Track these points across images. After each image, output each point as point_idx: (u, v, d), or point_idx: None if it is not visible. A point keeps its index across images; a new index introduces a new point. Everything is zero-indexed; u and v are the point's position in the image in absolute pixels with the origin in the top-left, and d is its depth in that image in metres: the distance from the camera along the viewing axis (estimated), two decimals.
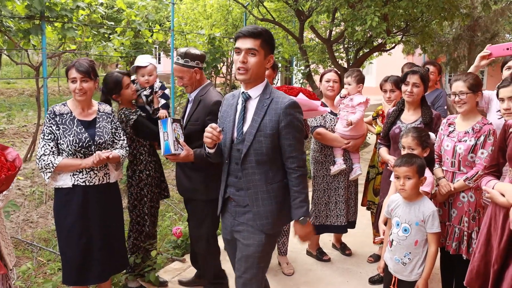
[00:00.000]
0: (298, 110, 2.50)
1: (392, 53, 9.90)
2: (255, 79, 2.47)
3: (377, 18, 6.03)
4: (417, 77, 3.45)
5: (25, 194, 6.24)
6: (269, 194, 2.52)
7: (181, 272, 4.11)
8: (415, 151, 3.06)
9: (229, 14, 13.07)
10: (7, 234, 2.49)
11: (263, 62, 2.45)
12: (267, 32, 2.44)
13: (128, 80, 3.47)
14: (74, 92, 2.98)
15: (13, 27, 6.27)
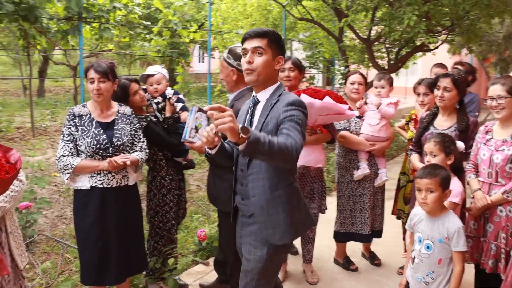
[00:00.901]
0: (299, 108, 2.26)
1: (436, 53, 9.52)
2: (264, 80, 2.35)
3: (415, 17, 5.76)
4: (449, 81, 3.23)
5: (60, 190, 6.40)
6: (274, 201, 2.34)
7: (203, 275, 4.06)
8: (438, 157, 2.86)
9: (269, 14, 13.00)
10: (19, 234, 2.51)
11: (271, 63, 2.33)
12: (274, 33, 2.34)
13: (135, 87, 3.38)
14: (91, 93, 2.98)
15: (52, 28, 6.44)
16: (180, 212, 3.74)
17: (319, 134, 3.61)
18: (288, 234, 2.38)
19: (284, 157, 2.04)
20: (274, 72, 2.38)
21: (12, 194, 2.30)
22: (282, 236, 2.36)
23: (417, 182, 2.68)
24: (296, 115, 2.22)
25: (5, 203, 2.25)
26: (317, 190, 3.80)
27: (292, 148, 2.05)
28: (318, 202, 3.82)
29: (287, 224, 2.35)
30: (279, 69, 2.43)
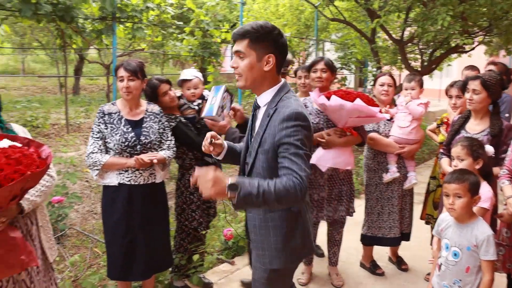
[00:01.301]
0: (296, 123, 1.99)
1: (473, 54, 9.26)
2: (255, 84, 2.14)
3: (450, 17, 5.61)
4: (478, 83, 3.13)
5: (91, 186, 6.54)
6: (266, 223, 2.17)
7: (228, 274, 4.08)
8: (465, 162, 2.77)
9: (301, 14, 12.95)
10: (50, 228, 2.57)
11: (256, 65, 2.07)
12: (257, 29, 2.04)
13: (165, 87, 3.40)
14: (121, 91, 3.03)
15: (87, 28, 6.59)
16: (211, 211, 3.73)
17: (349, 137, 3.56)
18: (277, 259, 2.21)
19: (285, 201, 1.91)
20: (266, 74, 2.11)
21: (43, 189, 2.36)
22: (271, 260, 2.21)
23: (444, 187, 2.61)
24: (294, 135, 1.97)
25: (36, 197, 2.30)
26: (346, 192, 3.76)
27: (295, 188, 1.88)
28: (346, 204, 3.78)
29: (277, 248, 2.19)
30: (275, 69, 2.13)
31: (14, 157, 1.95)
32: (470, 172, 2.62)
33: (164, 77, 3.53)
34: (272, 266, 2.22)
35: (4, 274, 2.12)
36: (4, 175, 1.86)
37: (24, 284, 2.31)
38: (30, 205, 2.26)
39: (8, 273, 2.14)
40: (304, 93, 4.09)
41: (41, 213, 2.48)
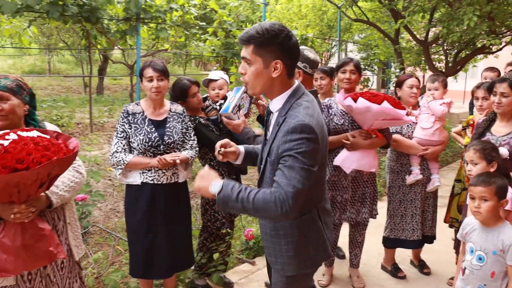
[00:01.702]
0: (300, 137, 1.88)
1: (499, 55, 9.08)
2: (266, 91, 2.05)
3: (476, 17, 5.51)
4: (506, 86, 3.04)
5: (114, 184, 6.64)
6: (277, 231, 2.12)
7: (249, 274, 4.08)
8: (479, 166, 2.71)
9: (324, 15, 12.91)
10: (77, 226, 2.60)
11: (263, 72, 1.96)
12: (262, 33, 1.91)
13: (195, 89, 3.43)
14: (150, 91, 3.05)
15: (112, 28, 6.70)
16: None
17: (374, 139, 3.53)
18: (290, 266, 2.15)
19: (263, 214, 1.90)
20: (275, 80, 2.00)
21: (72, 184, 2.39)
22: (283, 267, 2.16)
23: (470, 190, 2.56)
24: (296, 148, 1.87)
25: (65, 192, 2.34)
26: (369, 194, 3.73)
27: (274, 203, 1.83)
28: (369, 206, 3.75)
29: (289, 256, 2.13)
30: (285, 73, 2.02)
31: (42, 144, 2.01)
32: (497, 175, 2.57)
33: (193, 78, 3.55)
34: (285, 273, 2.18)
35: (34, 265, 2.17)
36: (32, 158, 1.92)
37: (49, 278, 2.36)
38: (59, 200, 2.29)
39: (37, 264, 2.18)
40: (322, 94, 4.03)
41: (70, 210, 2.52)
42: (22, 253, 2.08)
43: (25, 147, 1.95)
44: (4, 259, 2.05)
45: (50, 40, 19.83)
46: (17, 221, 2.07)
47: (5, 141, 1.96)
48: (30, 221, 2.11)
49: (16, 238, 2.07)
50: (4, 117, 2.25)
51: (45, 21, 6.18)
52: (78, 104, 14.18)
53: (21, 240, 2.08)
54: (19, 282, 2.25)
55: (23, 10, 5.34)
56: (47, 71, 22.17)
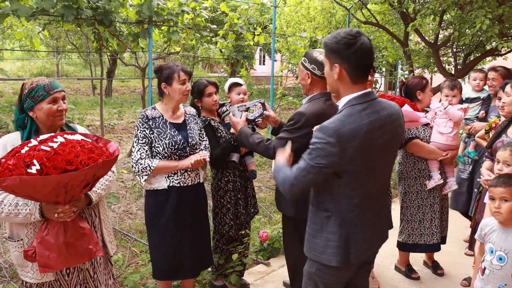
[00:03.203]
0: (319, 133, 2.12)
1: (507, 57, 9.07)
2: (334, 91, 2.30)
3: (488, 20, 5.51)
4: (509, 87, 3.14)
5: (127, 186, 6.69)
6: (310, 214, 2.39)
7: (264, 275, 4.12)
8: (511, 168, 2.73)
9: (333, 17, 12.91)
10: (109, 223, 2.68)
11: (329, 73, 2.25)
12: (328, 40, 2.17)
13: (211, 89, 3.47)
14: (181, 94, 3.06)
15: (124, 31, 6.74)
16: (250, 209, 3.73)
17: None
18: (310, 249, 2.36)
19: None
20: (337, 82, 2.22)
21: (106, 183, 2.51)
22: (308, 249, 2.38)
23: (490, 191, 2.60)
24: (312, 142, 2.15)
25: (102, 190, 2.46)
26: None
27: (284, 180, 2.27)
28: None
29: (309, 240, 2.36)
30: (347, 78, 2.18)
31: (87, 147, 2.13)
32: None
33: (212, 80, 3.59)
34: (309, 254, 2.38)
35: (75, 262, 2.27)
36: (80, 160, 2.04)
37: (88, 273, 2.46)
38: (97, 197, 2.42)
39: (78, 261, 2.29)
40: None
41: (102, 207, 2.61)
42: (64, 250, 2.18)
43: (73, 150, 2.06)
44: (47, 255, 2.15)
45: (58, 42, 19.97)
46: (60, 220, 2.17)
47: (54, 144, 2.06)
48: (71, 220, 2.21)
49: (59, 236, 2.18)
50: (63, 116, 2.44)
51: (59, 24, 6.22)
52: (87, 106, 14.27)
53: (63, 238, 2.18)
54: (59, 276, 2.36)
55: (38, 14, 5.39)
56: (55, 73, 22.32)
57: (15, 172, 1.95)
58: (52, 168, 1.98)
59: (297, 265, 3.24)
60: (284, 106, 13.05)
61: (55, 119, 2.39)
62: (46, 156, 2.00)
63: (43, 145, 2.06)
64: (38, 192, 2.03)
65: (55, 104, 2.38)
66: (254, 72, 18.69)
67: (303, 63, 3.00)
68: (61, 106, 2.41)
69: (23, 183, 1.93)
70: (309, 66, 2.97)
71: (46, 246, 2.16)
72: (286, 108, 13.61)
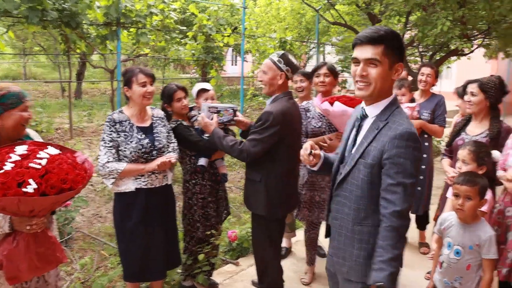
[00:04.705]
0: (411, 144, 1.94)
1: (471, 57, 9.36)
2: (378, 95, 2.03)
3: (449, 22, 5.70)
4: (475, 86, 3.27)
5: (96, 190, 6.63)
6: (353, 234, 2.10)
7: (233, 275, 4.15)
8: (469, 166, 2.85)
9: (302, 18, 13.06)
10: (56, 227, 2.70)
11: (388, 74, 1.98)
12: (392, 35, 1.96)
13: (180, 94, 3.49)
14: (143, 96, 3.05)
15: (92, 33, 6.68)
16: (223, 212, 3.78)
17: None
18: (355, 272, 2.12)
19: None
20: (391, 84, 2.06)
21: None
22: (349, 271, 2.14)
23: (455, 188, 2.69)
24: (404, 157, 1.93)
25: None
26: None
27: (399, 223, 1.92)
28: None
29: (357, 262, 2.10)
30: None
31: (69, 163, 2.16)
32: (480, 175, 2.72)
33: (181, 84, 3.61)
34: (349, 277, 2.15)
35: (45, 269, 2.30)
36: (71, 179, 2.08)
37: (43, 278, 2.46)
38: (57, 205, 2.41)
39: (47, 268, 2.31)
40: (301, 97, 4.11)
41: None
42: (34, 260, 2.19)
43: (61, 167, 2.08)
44: (17, 267, 2.15)
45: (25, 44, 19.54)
46: (31, 232, 2.17)
47: (41, 160, 2.07)
48: (42, 231, 2.22)
49: (30, 247, 2.18)
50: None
51: (23, 26, 6.12)
52: (56, 109, 14.02)
53: (34, 248, 2.19)
54: (17, 285, 2.33)
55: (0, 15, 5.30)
56: (22, 76, 21.83)
57: (9, 192, 1.94)
58: (49, 187, 2.00)
59: (266, 264, 3.30)
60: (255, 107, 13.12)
61: (22, 127, 2.37)
62: (39, 174, 2.01)
63: (30, 161, 2.05)
64: (28, 210, 2.04)
65: (25, 113, 2.35)
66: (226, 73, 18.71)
67: (277, 64, 3.06)
68: (30, 114, 2.40)
69: (22, 203, 1.95)
70: (284, 68, 3.05)
71: (15, 258, 2.15)
72: (257, 108, 13.67)
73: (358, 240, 2.08)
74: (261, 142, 2.95)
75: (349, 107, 3.37)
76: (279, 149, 3.05)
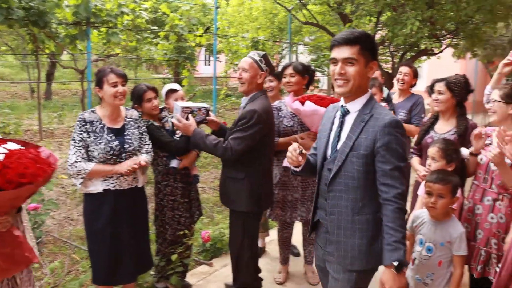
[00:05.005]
0: (399, 131, 2.14)
1: (441, 56, 9.57)
2: (356, 91, 2.20)
3: (418, 22, 5.82)
4: (442, 85, 3.35)
5: (67, 192, 6.51)
6: (353, 225, 2.20)
7: (207, 276, 4.14)
8: (438, 164, 2.91)
9: (275, 17, 13.09)
10: (30, 228, 2.61)
11: (364, 71, 2.17)
12: (365, 36, 2.15)
13: (150, 94, 3.46)
14: (114, 97, 2.99)
15: (61, 33, 6.56)
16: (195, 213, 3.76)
17: None
18: (359, 261, 2.21)
19: None
20: (367, 81, 2.24)
21: None
22: (352, 262, 2.22)
23: (428, 186, 2.73)
24: (395, 143, 2.12)
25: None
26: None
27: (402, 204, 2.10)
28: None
29: (360, 251, 2.20)
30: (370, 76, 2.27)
31: (30, 157, 2.07)
32: (452, 173, 2.77)
33: (152, 85, 3.57)
34: (352, 268, 2.22)
35: (13, 271, 2.23)
36: (30, 173, 2.00)
37: (14, 280, 2.37)
38: (24, 203, 2.35)
39: (16, 269, 2.24)
40: (270, 97, 4.10)
41: (23, 213, 2.52)
42: (0, 261, 2.12)
43: (21, 161, 2.01)
44: None
45: None
46: None
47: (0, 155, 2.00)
48: (6, 230, 2.14)
49: None
50: None
51: None
52: (25, 110, 13.69)
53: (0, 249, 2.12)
54: None
55: None
56: None
57: None
58: (6, 182, 1.93)
59: (242, 263, 3.33)
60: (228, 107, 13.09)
61: None
62: None
63: None
64: None
65: None
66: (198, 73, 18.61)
67: (259, 63, 3.15)
68: None
69: None
70: (264, 68, 3.15)
71: None
72: (230, 108, 13.64)
73: (359, 229, 2.19)
74: (245, 139, 3.01)
75: (320, 107, 3.39)
76: (261, 147, 3.13)
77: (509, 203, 2.87)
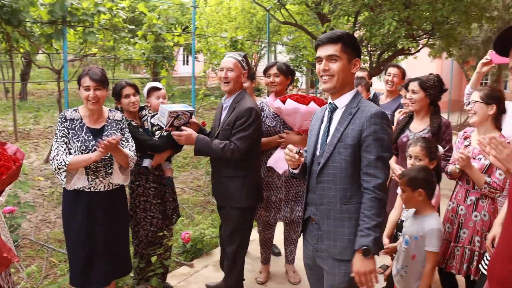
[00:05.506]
0: (385, 122, 2.24)
1: (417, 56, 9.71)
2: (341, 86, 2.30)
3: (395, 22, 5.90)
4: (416, 84, 3.42)
5: (44, 194, 6.39)
6: (342, 214, 2.27)
7: (188, 277, 4.12)
8: (422, 162, 2.96)
9: (253, 17, 13.12)
10: (7, 229, 2.59)
11: (347, 67, 2.27)
12: (347, 35, 2.27)
13: (129, 90, 3.45)
14: (86, 100, 2.98)
15: (36, 32, 6.43)
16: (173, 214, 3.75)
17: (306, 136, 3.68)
18: (348, 250, 2.25)
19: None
20: (351, 77, 2.35)
21: (7, 189, 2.37)
22: (342, 251, 2.27)
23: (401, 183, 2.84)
24: (381, 133, 2.20)
25: (2, 197, 2.33)
26: (302, 193, 3.82)
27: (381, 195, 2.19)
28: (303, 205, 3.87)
29: (349, 240, 2.25)
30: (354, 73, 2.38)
31: None
32: (410, 170, 2.85)
33: (132, 82, 3.55)
34: (341, 257, 2.27)
35: None
36: None
37: None
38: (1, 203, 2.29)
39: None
40: None
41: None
42: None
43: None
44: None
45: None
46: None
47: None
48: None
49: None
50: None
51: None
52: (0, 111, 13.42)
53: None
54: None
55: None
56: None
57: None
58: None
59: (237, 258, 3.39)
60: (206, 107, 13.03)
61: None
62: None
63: None
64: None
65: None
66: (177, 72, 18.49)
67: (242, 63, 3.26)
68: None
69: None
70: (246, 67, 3.29)
71: None
72: (209, 108, 13.59)
73: (347, 218, 2.26)
74: (249, 138, 3.16)
75: (301, 104, 3.41)
76: (258, 143, 3.34)
77: (491, 201, 2.95)
